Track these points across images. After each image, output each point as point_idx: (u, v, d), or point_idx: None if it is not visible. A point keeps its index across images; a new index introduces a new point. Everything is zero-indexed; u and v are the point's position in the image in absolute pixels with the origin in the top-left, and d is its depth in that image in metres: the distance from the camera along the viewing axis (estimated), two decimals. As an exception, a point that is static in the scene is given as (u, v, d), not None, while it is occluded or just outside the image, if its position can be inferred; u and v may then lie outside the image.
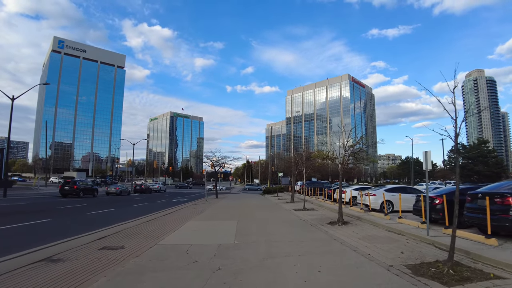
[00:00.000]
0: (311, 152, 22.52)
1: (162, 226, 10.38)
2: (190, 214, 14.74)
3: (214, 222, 11.31)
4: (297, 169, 21.77)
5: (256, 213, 14.80)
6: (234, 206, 19.75)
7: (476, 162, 54.51)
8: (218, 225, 10.63)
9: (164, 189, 55.06)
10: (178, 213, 15.49)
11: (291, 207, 18.41)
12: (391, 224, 10.48)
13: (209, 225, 10.67)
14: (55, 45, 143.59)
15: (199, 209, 17.30)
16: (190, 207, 19.39)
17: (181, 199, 32.19)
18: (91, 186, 32.61)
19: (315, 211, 15.57)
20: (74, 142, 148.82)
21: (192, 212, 15.37)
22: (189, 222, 11.25)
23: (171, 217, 13.26)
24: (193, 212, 15.67)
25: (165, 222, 11.64)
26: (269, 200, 27.09)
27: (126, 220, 12.48)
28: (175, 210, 17.60)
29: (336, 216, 12.09)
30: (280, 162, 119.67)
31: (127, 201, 27.61)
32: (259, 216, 13.39)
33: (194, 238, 8.08)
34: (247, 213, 14.98)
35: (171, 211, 16.81)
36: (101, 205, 22.12)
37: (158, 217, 13.34)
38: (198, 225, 10.71)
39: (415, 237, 7.94)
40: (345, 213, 14.18)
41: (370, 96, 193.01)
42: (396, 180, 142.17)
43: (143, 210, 17.92)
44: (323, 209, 16.52)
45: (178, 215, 14.39)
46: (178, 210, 17.58)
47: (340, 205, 10.72)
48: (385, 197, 15.49)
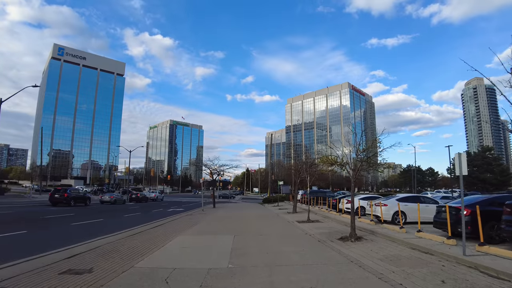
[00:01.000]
0: (314, 159, 21.07)
1: (148, 242, 8.98)
2: (182, 226, 13.33)
3: (208, 237, 9.87)
4: (299, 177, 20.37)
5: (256, 226, 13.34)
6: (231, 217, 18.29)
7: (481, 170, 53.04)
8: (212, 241, 9.19)
9: (161, 197, 53.50)
10: (170, 225, 14.06)
11: (293, 218, 16.95)
12: (411, 239, 9.09)
13: (201, 241, 9.23)
14: (55, 52, 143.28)
15: (194, 220, 15.87)
16: (185, 218, 17.95)
17: (176, 208, 30.72)
18: (83, 195, 31.18)
19: (320, 223, 14.14)
20: (72, 150, 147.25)
21: (185, 224, 13.95)
22: (179, 237, 9.84)
23: (160, 230, 11.85)
24: (186, 224, 14.25)
25: (153, 236, 10.23)
26: (269, 210, 25.58)
27: (111, 232, 11.11)
28: (167, 221, 16.18)
29: (346, 230, 10.70)
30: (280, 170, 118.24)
31: (120, 210, 26.14)
32: (258, 230, 11.93)
33: (180, 259, 6.67)
34: (245, 225, 13.53)
35: (163, 222, 15.39)
36: (91, 214, 20.76)
37: (146, 230, 11.93)
38: (188, 240, 9.29)
39: (449, 258, 6.55)
40: (356, 226, 12.78)
41: (370, 105, 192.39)
42: (398, 189, 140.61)
43: (134, 221, 16.53)
44: (330, 221, 15.07)
45: (169, 227, 12.97)
46: (171, 221, 16.16)
47: (352, 218, 9.33)
48: (398, 207, 14.15)
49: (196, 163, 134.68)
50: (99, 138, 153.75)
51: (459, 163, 6.87)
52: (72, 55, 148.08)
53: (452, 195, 35.28)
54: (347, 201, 19.17)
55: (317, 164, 20.00)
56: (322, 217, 17.06)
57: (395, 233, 10.44)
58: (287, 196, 43.64)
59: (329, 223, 13.96)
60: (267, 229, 12.08)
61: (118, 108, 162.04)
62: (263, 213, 22.14)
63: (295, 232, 11.09)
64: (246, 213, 22.15)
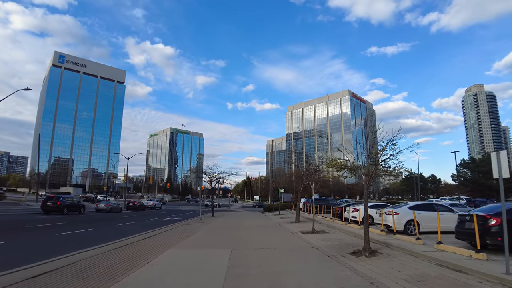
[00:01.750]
0: (318, 165, 19.90)
1: (134, 256, 7.89)
2: (176, 237, 12.21)
3: (202, 252, 8.71)
4: (302, 184, 19.24)
5: (256, 238, 12.16)
6: (230, 227, 17.13)
7: (487, 176, 51.66)
8: (206, 256, 8.04)
9: (159, 206, 52.27)
10: (163, 236, 12.94)
11: (297, 228, 15.79)
12: (432, 252, 7.98)
13: (194, 256, 8.09)
14: (55, 59, 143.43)
15: (190, 231, 14.74)
16: (180, 228, 16.81)
17: (174, 217, 29.54)
18: (77, 202, 30.06)
19: (327, 234, 12.98)
20: (72, 157, 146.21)
21: (179, 235, 12.83)
22: (170, 251, 8.72)
23: (151, 242, 10.74)
24: (181, 235, 13.12)
25: (141, 249, 9.13)
26: (270, 220, 24.38)
27: (98, 243, 10.07)
28: (162, 231, 15.06)
29: (357, 242, 9.59)
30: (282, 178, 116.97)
31: (114, 219, 24.99)
32: (259, 242, 10.75)
33: (164, 283, 5.57)
34: (244, 237, 12.36)
35: (157, 232, 14.27)
36: (82, 223, 19.67)
37: (135, 242, 10.82)
38: (179, 256, 8.17)
39: (490, 278, 5.45)
40: (358, 235, 11.65)
41: (370, 112, 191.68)
42: (399, 197, 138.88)
43: (126, 231, 15.44)
44: (336, 232, 13.91)
45: (162, 238, 11.86)
46: (165, 231, 15.04)
47: (366, 229, 8.21)
48: (411, 216, 13.05)
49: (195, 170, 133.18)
50: (99, 145, 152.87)
51: (498, 164, 5.81)
52: (72, 63, 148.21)
53: (460, 202, 34.06)
54: (354, 210, 18.05)
55: (321, 170, 18.83)
56: (327, 227, 15.90)
57: (412, 245, 9.32)
58: (288, 204, 42.43)
59: (336, 234, 12.80)
60: (269, 242, 10.92)
61: (118, 116, 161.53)
62: (264, 222, 20.95)
63: (300, 245, 9.92)
64: (246, 222, 20.97)
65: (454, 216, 13.35)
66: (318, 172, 18.66)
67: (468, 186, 52.20)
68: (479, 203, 34.39)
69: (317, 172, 18.62)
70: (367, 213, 8.51)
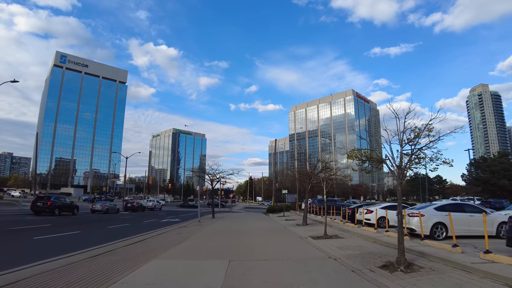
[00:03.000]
0: (328, 161, 18.08)
1: (103, 271, 6.22)
2: (168, 242, 10.54)
3: (191, 264, 6.95)
4: (310, 183, 17.50)
5: (259, 244, 10.37)
6: (230, 231, 15.40)
7: (499, 176, 49.65)
8: (195, 271, 6.27)
9: (159, 207, 50.64)
10: (153, 240, 11.29)
11: (305, 232, 14.04)
12: (486, 266, 6.25)
13: (179, 271, 6.33)
14: (57, 59, 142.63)
15: (185, 235, 13.07)
16: (176, 231, 15.15)
17: (172, 218, 27.92)
18: (70, 203, 28.44)
19: (341, 239, 11.23)
20: (73, 158, 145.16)
21: (171, 240, 11.16)
22: (153, 262, 7.03)
23: (136, 249, 9.08)
24: (174, 239, 11.46)
25: (118, 259, 7.46)
26: (274, 222, 22.63)
27: (73, 250, 8.50)
28: (154, 234, 13.42)
29: (381, 251, 7.88)
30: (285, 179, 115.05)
31: (108, 220, 23.41)
32: (263, 251, 8.95)
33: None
34: (246, 243, 10.60)
35: (148, 236, 12.63)
36: (71, 225, 18.11)
37: (117, 249, 9.18)
38: (161, 269, 6.46)
39: None
40: (386, 242, 9.91)
41: (374, 112, 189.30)
42: (404, 198, 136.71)
43: (116, 234, 13.86)
44: (352, 236, 12.16)
45: (150, 244, 10.20)
46: (158, 234, 13.39)
47: (400, 236, 6.48)
48: (438, 218, 11.37)
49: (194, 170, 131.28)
50: (101, 146, 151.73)
51: None
52: (74, 63, 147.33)
53: (474, 202, 32.18)
54: (367, 211, 16.31)
55: (331, 168, 17.09)
56: (339, 231, 14.15)
57: (451, 254, 7.59)
58: (292, 205, 40.68)
59: (352, 240, 11.05)
60: (275, 250, 9.15)
61: (120, 116, 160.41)
62: (268, 225, 19.20)
63: (313, 255, 8.14)
64: (248, 225, 19.21)
65: (489, 218, 11.63)
66: (328, 170, 16.91)
67: (479, 186, 50.12)
68: (495, 204, 32.55)
69: (327, 170, 16.87)
70: (401, 215, 6.78)
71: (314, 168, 17.34)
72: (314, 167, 17.41)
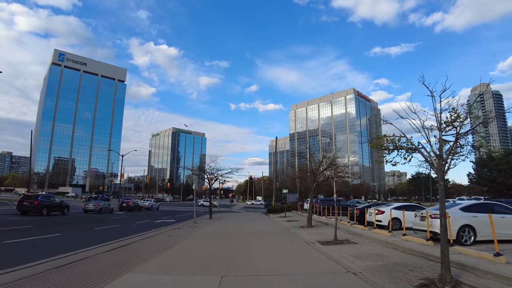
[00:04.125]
0: (335, 157, 16.48)
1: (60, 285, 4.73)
2: (153, 249, 9.07)
3: (172, 281, 5.43)
4: (315, 180, 15.99)
5: (260, 252, 8.80)
6: (227, 234, 13.90)
7: (507, 175, 48.09)
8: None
9: (156, 206, 49.13)
10: (138, 245, 9.82)
11: (311, 235, 12.53)
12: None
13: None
14: (55, 58, 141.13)
15: (176, 238, 11.60)
16: (168, 233, 13.68)
17: (167, 219, 26.44)
18: (59, 202, 27.00)
19: (355, 245, 9.73)
20: (71, 157, 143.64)
21: (158, 245, 9.69)
22: (124, 278, 5.54)
23: (113, 257, 7.63)
24: (161, 244, 9.99)
25: (83, 271, 5.99)
26: (276, 223, 21.10)
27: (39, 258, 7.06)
28: (140, 238, 11.94)
29: (408, 260, 6.41)
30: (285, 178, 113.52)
31: (98, 221, 21.92)
32: (264, 261, 7.29)
33: None
34: (244, 250, 9.06)
35: (133, 240, 11.16)
36: (54, 227, 16.70)
37: (92, 256, 7.73)
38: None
39: None
40: (410, 250, 8.43)
41: (375, 111, 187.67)
42: (406, 197, 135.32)
43: (100, 237, 12.43)
44: (366, 242, 10.65)
45: (133, 250, 8.74)
46: (145, 238, 11.92)
47: (445, 247, 4.97)
48: (466, 220, 9.92)
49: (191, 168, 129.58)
50: (99, 145, 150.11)
51: None
52: (72, 61, 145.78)
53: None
54: (378, 212, 14.83)
55: (338, 165, 15.57)
56: (349, 234, 12.65)
57: (501, 267, 6.10)
58: (294, 205, 39.22)
59: (368, 246, 9.52)
60: (278, 260, 7.57)
61: (119, 115, 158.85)
62: (268, 227, 17.65)
63: (326, 267, 6.54)
64: (247, 227, 17.69)
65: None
66: (334, 167, 15.41)
67: (486, 185, 48.58)
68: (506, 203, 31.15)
69: (333, 167, 15.36)
70: (445, 218, 5.26)
71: (319, 165, 15.80)
72: (319, 163, 15.86)
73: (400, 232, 12.78)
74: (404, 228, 11.23)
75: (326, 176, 14.57)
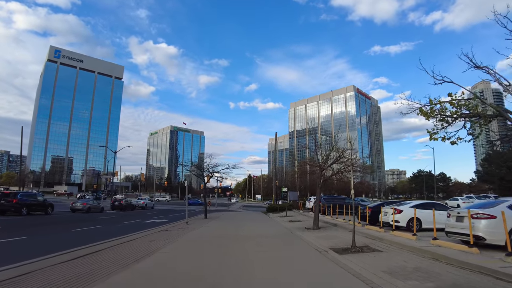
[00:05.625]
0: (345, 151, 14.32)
1: None
2: (121, 260, 7.08)
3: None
4: (322, 176, 13.99)
5: (260, 265, 6.58)
6: (220, 238, 11.84)
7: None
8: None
9: (151, 205, 47.17)
10: (106, 254, 7.86)
11: (321, 241, 10.49)
12: None
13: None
14: (51, 54, 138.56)
15: (158, 243, 9.62)
16: (151, 237, 11.70)
17: (159, 219, 24.50)
18: (42, 201, 24.99)
19: (379, 253, 7.76)
20: (67, 155, 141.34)
21: (131, 254, 7.72)
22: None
23: (69, 270, 5.73)
24: (134, 254, 8.00)
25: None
26: (277, 224, 19.07)
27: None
28: (114, 244, 9.95)
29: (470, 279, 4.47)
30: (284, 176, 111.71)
31: (81, 221, 19.98)
32: (266, 284, 5.41)
33: None
34: (238, 263, 6.95)
35: (104, 246, 9.18)
36: (26, 228, 14.88)
37: (37, 270, 5.81)
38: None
39: None
40: (459, 261, 6.46)
41: (376, 109, 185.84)
42: (407, 196, 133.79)
43: (70, 241, 10.48)
44: (390, 248, 8.65)
45: (97, 261, 6.77)
46: (120, 244, 9.94)
47: None
48: None
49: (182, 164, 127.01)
50: (96, 143, 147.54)
51: None
52: (69, 58, 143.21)
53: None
54: (397, 211, 12.87)
55: (348, 158, 13.56)
56: (366, 238, 10.65)
57: None
58: (295, 204, 37.26)
59: (399, 255, 7.50)
60: (286, 280, 5.60)
61: (116, 113, 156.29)
62: (269, 229, 15.59)
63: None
64: (245, 229, 15.62)
65: None
66: (344, 160, 13.42)
67: (494, 182, 46.59)
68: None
69: (343, 160, 13.38)
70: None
71: (326, 159, 13.78)
72: (327, 156, 13.82)
73: (424, 235, 10.84)
74: (434, 230, 9.23)
75: (337, 170, 12.61)
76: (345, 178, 16.23)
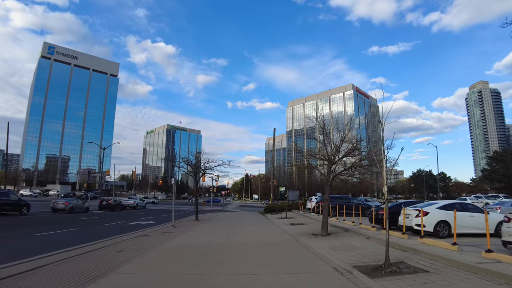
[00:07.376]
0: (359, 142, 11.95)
1: None
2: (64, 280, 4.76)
3: None
4: (331, 171, 11.74)
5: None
6: (207, 247, 9.45)
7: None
8: None
9: (143, 205, 44.81)
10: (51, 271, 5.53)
11: (336, 253, 8.19)
12: None
13: None
14: (44, 51, 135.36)
15: (123, 257, 7.33)
16: (122, 245, 9.39)
17: (146, 220, 22.32)
18: (16, 200, 22.59)
19: (430, 275, 5.49)
20: (61, 154, 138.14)
21: (88, 269, 5.44)
22: None
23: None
24: (89, 269, 5.70)
25: None
26: (277, 228, 16.70)
27: None
28: (69, 255, 7.63)
29: None
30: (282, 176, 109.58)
31: (56, 223, 17.69)
32: None
33: None
34: (229, 282, 4.88)
35: (51, 260, 6.87)
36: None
37: None
38: None
39: None
40: None
41: (374, 108, 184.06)
42: (407, 195, 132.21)
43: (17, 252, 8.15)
44: (441, 267, 6.41)
45: (23, 284, 4.44)
46: (77, 255, 7.64)
47: None
48: None
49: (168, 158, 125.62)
50: (91, 142, 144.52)
51: None
52: (63, 54, 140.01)
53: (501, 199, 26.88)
54: (424, 213, 10.61)
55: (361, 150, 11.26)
56: (393, 249, 8.37)
57: None
58: (295, 204, 34.97)
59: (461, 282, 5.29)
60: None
61: (111, 111, 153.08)
62: (269, 235, 13.17)
63: None
64: (240, 235, 13.20)
65: None
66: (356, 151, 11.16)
67: (502, 182, 44.53)
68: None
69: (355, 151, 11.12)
70: None
71: (337, 150, 11.50)
72: (337, 148, 11.53)
73: (460, 242, 8.61)
74: (488, 241, 6.96)
75: (350, 164, 10.37)
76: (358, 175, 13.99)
